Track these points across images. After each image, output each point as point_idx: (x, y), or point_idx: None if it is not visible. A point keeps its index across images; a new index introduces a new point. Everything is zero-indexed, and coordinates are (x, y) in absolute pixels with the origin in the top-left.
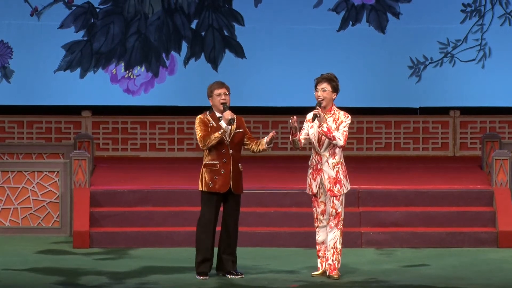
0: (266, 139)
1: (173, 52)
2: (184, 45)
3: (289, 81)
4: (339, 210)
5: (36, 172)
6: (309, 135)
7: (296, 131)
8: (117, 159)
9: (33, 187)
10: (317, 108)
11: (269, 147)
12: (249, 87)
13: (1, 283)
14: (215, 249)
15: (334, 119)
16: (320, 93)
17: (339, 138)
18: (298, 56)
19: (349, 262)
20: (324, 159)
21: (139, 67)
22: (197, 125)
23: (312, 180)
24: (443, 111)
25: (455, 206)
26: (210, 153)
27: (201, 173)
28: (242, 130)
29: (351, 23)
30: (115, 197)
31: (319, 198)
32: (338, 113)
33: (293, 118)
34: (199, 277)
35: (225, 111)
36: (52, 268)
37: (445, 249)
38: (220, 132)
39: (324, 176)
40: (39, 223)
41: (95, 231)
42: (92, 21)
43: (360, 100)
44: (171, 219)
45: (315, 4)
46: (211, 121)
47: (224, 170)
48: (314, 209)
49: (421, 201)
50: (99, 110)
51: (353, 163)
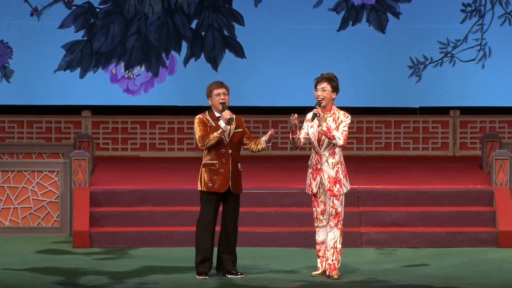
0: (264, 138)
1: (173, 52)
2: (184, 45)
3: (289, 81)
4: (339, 209)
5: (36, 172)
6: (308, 135)
7: (296, 129)
8: (117, 159)
9: (33, 187)
10: (317, 107)
11: (267, 146)
12: (249, 87)
13: (1, 283)
14: (215, 249)
15: (334, 119)
16: (320, 93)
17: (338, 138)
18: (298, 56)
19: (349, 262)
20: (324, 159)
21: (139, 67)
22: (196, 125)
23: (312, 180)
24: (443, 111)
25: (455, 206)
26: (209, 153)
27: (200, 172)
28: (241, 130)
29: (351, 23)
30: (115, 197)
31: (319, 198)
32: (338, 112)
33: (294, 115)
34: (199, 277)
35: (224, 110)
36: (52, 268)
37: (445, 249)
38: (219, 132)
39: (324, 175)
40: (39, 223)
41: (95, 231)
42: (92, 21)
43: (360, 100)
44: (171, 219)
45: (315, 4)
46: (210, 121)
47: (223, 170)
48: (314, 209)
49: (421, 201)
50: (99, 110)
51: (353, 163)
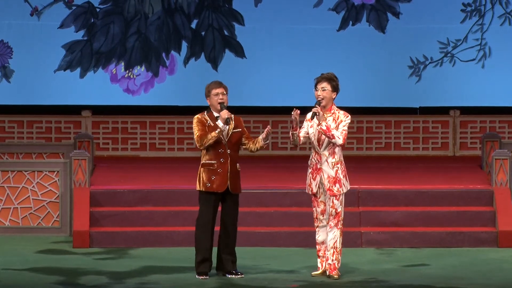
0: (262, 136)
1: (173, 52)
2: (184, 45)
3: (289, 81)
4: (339, 209)
5: (36, 172)
6: (308, 134)
7: (297, 125)
8: (117, 159)
9: (33, 186)
10: (316, 106)
11: (266, 143)
12: (249, 87)
13: (1, 283)
14: (215, 249)
15: (334, 119)
16: (320, 93)
17: (338, 137)
18: (298, 56)
19: (349, 261)
20: (323, 159)
21: (139, 66)
22: (194, 125)
23: (311, 180)
24: (443, 111)
25: (455, 206)
26: (207, 153)
27: (198, 172)
28: (240, 130)
29: (351, 23)
30: (115, 197)
31: (319, 197)
32: (338, 112)
33: (296, 110)
34: (199, 277)
35: (222, 110)
36: (52, 268)
37: (445, 249)
38: (217, 132)
39: (323, 175)
40: (39, 222)
41: (95, 231)
42: (92, 21)
43: (360, 100)
44: (171, 219)
45: (315, 4)
46: (208, 121)
47: (221, 170)
48: (314, 208)
49: (421, 201)
50: (99, 110)
51: (353, 163)
